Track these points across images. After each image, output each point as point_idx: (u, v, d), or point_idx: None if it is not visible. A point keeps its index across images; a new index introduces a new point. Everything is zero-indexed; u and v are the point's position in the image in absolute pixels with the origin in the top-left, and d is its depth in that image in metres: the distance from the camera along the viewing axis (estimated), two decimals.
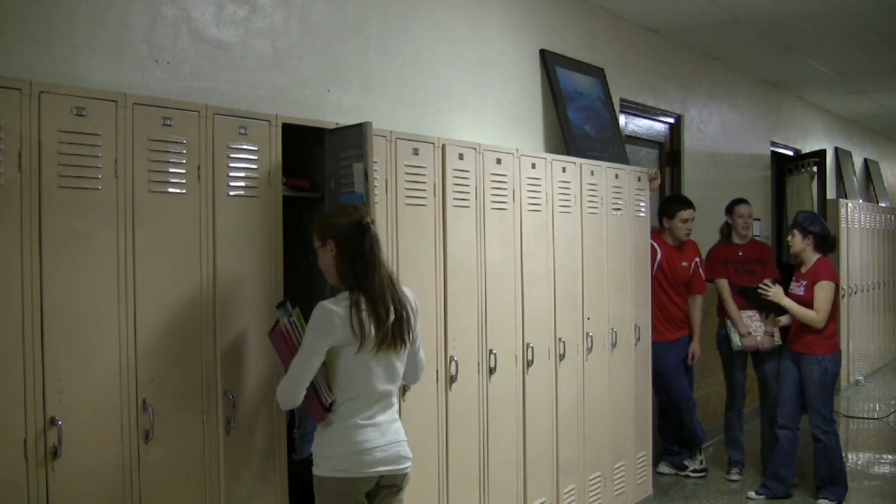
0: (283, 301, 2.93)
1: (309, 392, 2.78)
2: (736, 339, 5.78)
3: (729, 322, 5.82)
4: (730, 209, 6.04)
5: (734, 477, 5.93)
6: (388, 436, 2.84)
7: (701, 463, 6.02)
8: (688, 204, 5.84)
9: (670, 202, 5.98)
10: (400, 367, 2.90)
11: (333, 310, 2.74)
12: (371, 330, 2.75)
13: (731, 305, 5.81)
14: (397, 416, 2.92)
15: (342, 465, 2.78)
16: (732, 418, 6.02)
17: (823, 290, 5.20)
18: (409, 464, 2.91)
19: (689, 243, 5.93)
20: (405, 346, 2.86)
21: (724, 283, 5.91)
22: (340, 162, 3.24)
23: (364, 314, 2.75)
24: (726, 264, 5.94)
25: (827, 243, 5.36)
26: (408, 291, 2.94)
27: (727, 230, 6.05)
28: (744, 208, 5.98)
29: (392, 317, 2.78)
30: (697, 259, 5.93)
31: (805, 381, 5.29)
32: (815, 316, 5.20)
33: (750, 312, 5.74)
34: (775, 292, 5.35)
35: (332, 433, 2.81)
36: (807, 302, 5.25)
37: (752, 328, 5.73)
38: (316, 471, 2.84)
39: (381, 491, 2.87)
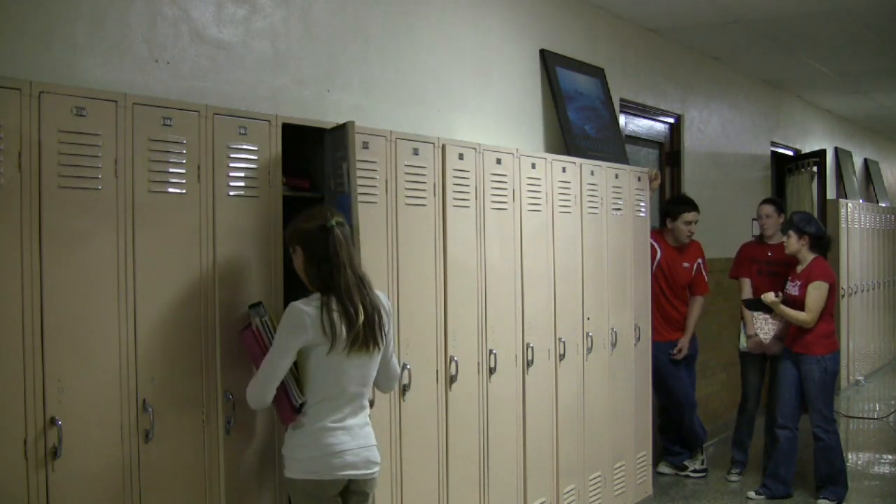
0: (257, 302, 2.93)
1: (279, 393, 2.79)
2: (742, 340, 5.75)
3: (741, 323, 5.79)
4: (758, 207, 6.00)
5: (734, 478, 5.92)
6: (358, 439, 2.84)
7: (702, 463, 6.02)
8: (692, 206, 5.79)
9: (675, 203, 5.92)
10: (372, 369, 2.90)
11: (304, 310, 2.74)
12: (342, 330, 2.75)
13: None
14: (368, 420, 2.92)
15: (312, 468, 2.79)
16: (742, 421, 5.97)
17: (816, 290, 5.20)
18: (377, 468, 2.92)
19: (693, 244, 5.89)
20: (378, 347, 2.86)
21: (746, 283, 5.87)
22: (336, 162, 3.25)
23: (335, 314, 2.75)
24: (751, 263, 5.89)
25: (823, 243, 5.35)
26: (380, 294, 2.94)
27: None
28: (764, 208, 5.93)
29: (362, 317, 2.78)
30: (700, 260, 5.89)
31: (805, 381, 5.29)
32: (805, 317, 5.19)
33: (765, 315, 5.63)
34: (771, 300, 5.32)
35: (302, 435, 2.81)
36: (801, 301, 5.25)
37: (763, 330, 5.64)
38: (286, 473, 2.85)
39: (352, 497, 2.88)
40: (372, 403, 3.03)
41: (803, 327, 5.24)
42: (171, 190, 2.74)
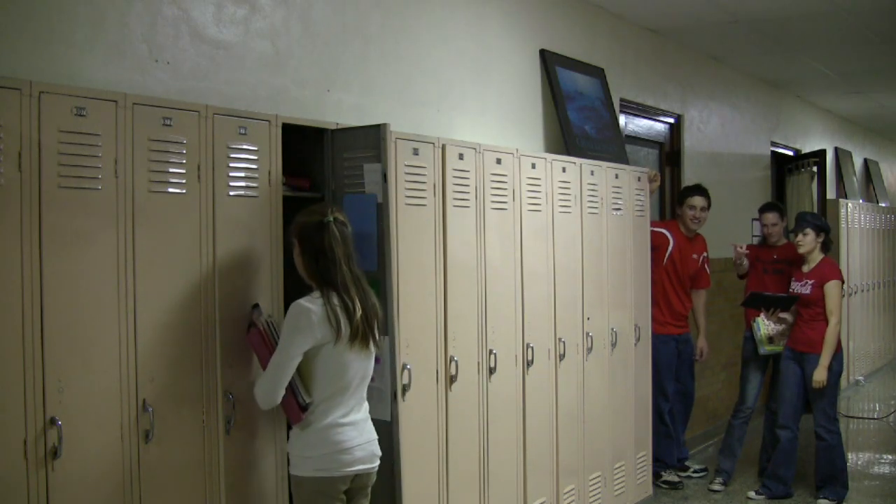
0: (256, 304, 2.95)
1: (286, 392, 2.81)
2: (763, 337, 5.52)
3: (754, 325, 5.59)
4: (760, 213, 5.93)
5: (716, 487, 5.70)
6: (364, 434, 2.91)
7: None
8: (699, 191, 5.76)
9: (684, 189, 5.94)
10: (371, 364, 2.95)
11: (310, 308, 2.77)
12: (345, 324, 2.80)
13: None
14: (368, 415, 2.98)
15: (323, 465, 2.82)
16: (735, 426, 5.78)
17: (835, 290, 5.22)
18: (378, 462, 2.97)
19: (699, 237, 5.88)
20: (375, 342, 2.92)
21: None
22: (345, 162, 3.24)
23: (337, 308, 2.80)
24: (756, 263, 5.85)
25: (828, 242, 5.40)
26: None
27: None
28: (768, 216, 5.83)
29: (359, 312, 2.83)
30: (705, 254, 5.90)
31: (810, 381, 5.27)
32: (834, 323, 5.17)
33: (767, 318, 5.51)
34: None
35: (310, 434, 2.84)
36: (812, 300, 5.24)
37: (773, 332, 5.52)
38: (294, 471, 2.87)
39: (354, 491, 2.92)
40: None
41: (808, 325, 5.25)
42: (171, 190, 2.74)
